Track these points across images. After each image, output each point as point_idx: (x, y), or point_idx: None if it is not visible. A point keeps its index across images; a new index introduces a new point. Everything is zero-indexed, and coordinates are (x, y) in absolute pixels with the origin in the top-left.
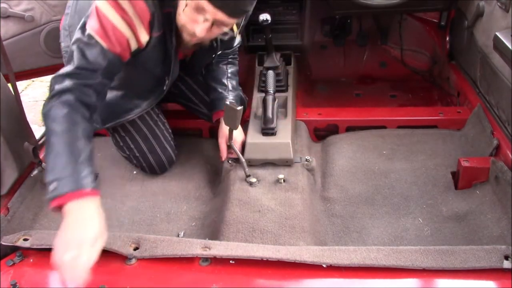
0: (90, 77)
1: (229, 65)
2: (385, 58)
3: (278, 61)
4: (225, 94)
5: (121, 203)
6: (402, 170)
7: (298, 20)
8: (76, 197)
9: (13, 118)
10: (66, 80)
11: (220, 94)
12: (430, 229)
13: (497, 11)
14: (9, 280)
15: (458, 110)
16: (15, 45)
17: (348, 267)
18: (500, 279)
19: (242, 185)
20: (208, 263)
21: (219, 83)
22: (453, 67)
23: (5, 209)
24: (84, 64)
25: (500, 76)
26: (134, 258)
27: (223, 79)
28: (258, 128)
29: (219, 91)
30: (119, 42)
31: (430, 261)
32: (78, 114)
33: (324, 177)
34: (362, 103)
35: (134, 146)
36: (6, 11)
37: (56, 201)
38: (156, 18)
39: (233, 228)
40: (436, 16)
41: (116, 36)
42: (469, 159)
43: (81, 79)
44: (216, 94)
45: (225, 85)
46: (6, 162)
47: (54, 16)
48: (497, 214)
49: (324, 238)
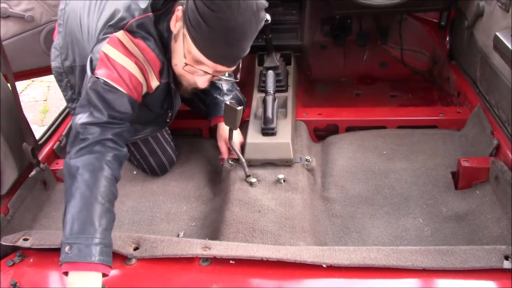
0: (120, 124)
1: None
2: (385, 58)
3: (278, 61)
4: (220, 99)
5: (121, 203)
6: (402, 170)
7: (298, 20)
8: (81, 268)
9: (13, 118)
10: (96, 129)
11: (215, 99)
12: (430, 229)
13: (497, 11)
14: (9, 280)
15: (458, 110)
16: (15, 45)
17: (348, 267)
18: (500, 279)
19: (242, 185)
20: (208, 263)
21: (214, 86)
22: (453, 67)
23: (5, 209)
24: (113, 113)
25: (500, 76)
26: (134, 258)
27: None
28: (258, 128)
29: (214, 96)
30: (135, 87)
31: (430, 261)
32: (107, 171)
33: (324, 177)
34: (362, 103)
35: (134, 148)
36: (6, 11)
37: (64, 267)
38: (165, 66)
39: (233, 228)
40: (436, 16)
41: (133, 83)
42: (469, 159)
43: (112, 129)
44: (211, 98)
45: (219, 88)
46: (6, 162)
47: (54, 16)
48: (497, 214)
49: (324, 238)
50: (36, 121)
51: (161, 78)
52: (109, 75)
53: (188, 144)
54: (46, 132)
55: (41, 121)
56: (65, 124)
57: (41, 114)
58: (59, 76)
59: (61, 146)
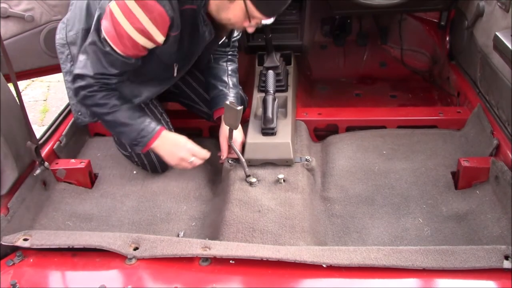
0: (108, 79)
1: (229, 62)
2: (385, 58)
3: (278, 61)
4: (226, 91)
5: (121, 203)
6: (402, 170)
7: (298, 20)
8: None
9: (13, 118)
10: (87, 79)
11: (221, 91)
12: (430, 229)
13: (497, 11)
14: (9, 280)
15: (458, 110)
16: (15, 45)
17: (348, 267)
18: (500, 279)
19: (242, 185)
20: (208, 263)
21: (220, 80)
22: (453, 67)
23: (5, 209)
24: (101, 70)
25: (500, 76)
26: (134, 258)
27: (224, 76)
28: (258, 128)
29: (219, 89)
30: (133, 47)
31: (430, 261)
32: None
33: (324, 177)
34: (362, 103)
35: None
36: (6, 11)
37: (147, 145)
38: (175, 20)
39: (233, 228)
40: (436, 16)
41: (131, 43)
42: (469, 159)
43: (99, 82)
44: (216, 91)
45: (225, 82)
46: (6, 162)
47: (54, 16)
48: (497, 214)
49: (324, 238)
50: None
51: (171, 32)
52: (107, 31)
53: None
54: (46, 132)
55: (41, 121)
56: (65, 124)
57: (41, 114)
58: (61, 48)
59: (61, 146)
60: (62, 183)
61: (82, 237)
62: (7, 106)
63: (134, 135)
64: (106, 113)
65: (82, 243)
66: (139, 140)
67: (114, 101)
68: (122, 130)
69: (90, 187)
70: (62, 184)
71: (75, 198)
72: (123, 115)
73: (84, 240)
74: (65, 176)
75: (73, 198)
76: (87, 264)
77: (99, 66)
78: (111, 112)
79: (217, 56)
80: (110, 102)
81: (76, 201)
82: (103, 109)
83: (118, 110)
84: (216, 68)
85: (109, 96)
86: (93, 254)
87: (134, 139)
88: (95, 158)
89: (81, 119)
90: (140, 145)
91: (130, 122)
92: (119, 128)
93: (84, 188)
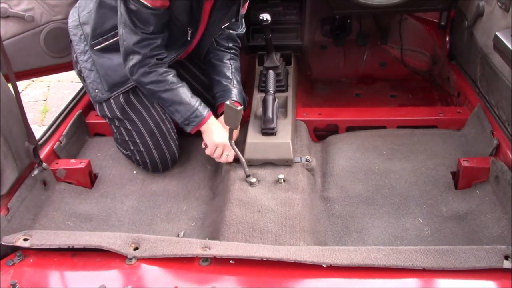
0: (152, 40)
1: (232, 60)
2: (385, 58)
3: (278, 61)
4: (230, 87)
5: (121, 203)
6: (402, 170)
7: (298, 20)
8: (209, 116)
9: (13, 118)
10: (136, 54)
11: (225, 86)
12: (430, 229)
13: (497, 11)
14: (9, 280)
15: (458, 110)
16: (15, 45)
17: (348, 267)
18: (500, 279)
19: (242, 185)
20: (208, 263)
21: (224, 76)
22: (453, 67)
23: (5, 209)
24: (141, 36)
25: (500, 76)
26: (134, 258)
27: (228, 73)
28: (258, 128)
29: (224, 84)
30: None
31: (430, 261)
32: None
33: (324, 177)
34: (362, 103)
35: (139, 140)
36: (6, 11)
37: (198, 125)
38: None
39: (233, 228)
40: (436, 16)
41: None
42: (469, 159)
43: (146, 45)
44: (221, 87)
45: (230, 78)
46: (6, 162)
47: (54, 16)
48: (497, 214)
49: (324, 238)
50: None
51: None
52: None
53: (188, 144)
54: (46, 132)
55: (41, 121)
56: (65, 124)
57: (41, 114)
58: (74, 29)
59: (61, 146)
60: (62, 183)
61: (82, 237)
62: (7, 106)
63: (188, 114)
64: (164, 90)
65: (82, 243)
66: (192, 119)
67: (172, 78)
68: (178, 108)
69: (90, 187)
70: (62, 184)
71: (75, 198)
72: (181, 93)
73: (84, 240)
74: (65, 176)
75: (73, 198)
76: (87, 264)
77: (137, 30)
78: (169, 89)
79: (220, 54)
80: (169, 79)
81: (76, 201)
82: (161, 86)
83: (176, 88)
84: (219, 65)
85: (168, 73)
86: (93, 254)
87: (188, 118)
88: (95, 158)
89: (99, 96)
90: (191, 125)
91: (186, 100)
92: (175, 106)
93: (84, 188)
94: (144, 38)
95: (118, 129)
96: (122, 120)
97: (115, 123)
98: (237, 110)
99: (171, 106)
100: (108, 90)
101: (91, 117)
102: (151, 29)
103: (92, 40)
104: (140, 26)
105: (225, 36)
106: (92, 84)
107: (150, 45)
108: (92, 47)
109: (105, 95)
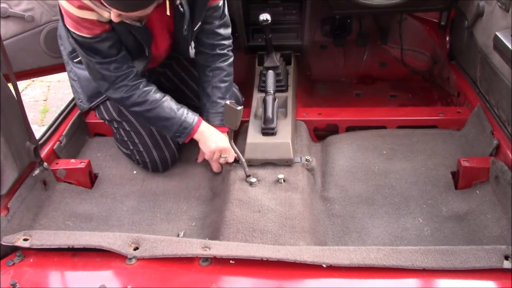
0: (109, 62)
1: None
2: (385, 58)
3: (278, 61)
4: (207, 107)
5: (121, 203)
6: (402, 170)
7: (298, 20)
8: (199, 124)
9: (13, 118)
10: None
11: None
12: (430, 229)
13: (497, 11)
14: (9, 280)
15: (458, 110)
16: (15, 45)
17: (348, 267)
18: (500, 279)
19: (242, 185)
20: (208, 263)
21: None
22: (453, 67)
23: (5, 209)
24: (96, 57)
25: (500, 76)
26: (134, 258)
27: (208, 88)
28: (258, 128)
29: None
30: (92, 24)
31: (430, 261)
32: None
33: (324, 177)
34: (362, 103)
35: (139, 141)
36: (6, 11)
37: (189, 136)
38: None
39: (233, 228)
40: (436, 16)
41: (87, 23)
42: (469, 159)
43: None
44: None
45: (208, 95)
46: (6, 162)
47: (54, 16)
48: (497, 214)
49: (324, 238)
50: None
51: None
52: (69, 25)
53: (188, 144)
54: (46, 132)
55: (41, 121)
56: (65, 124)
57: (41, 114)
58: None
59: (61, 146)
60: (62, 183)
61: (82, 237)
62: (7, 106)
63: (176, 127)
64: (147, 110)
65: (82, 243)
66: (182, 131)
67: (152, 95)
68: (165, 124)
69: (90, 187)
70: (62, 184)
71: (75, 198)
72: (165, 108)
73: (84, 240)
74: (65, 176)
75: (73, 198)
76: (87, 264)
77: (91, 58)
78: (152, 108)
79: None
80: (149, 98)
81: (76, 201)
82: (144, 107)
83: (159, 106)
84: (201, 77)
85: (146, 93)
86: (93, 254)
87: (176, 131)
88: (95, 158)
89: (81, 106)
90: (182, 137)
91: (172, 115)
92: (161, 122)
93: (84, 188)
94: (102, 62)
95: (117, 130)
96: (120, 122)
97: (113, 125)
98: (237, 110)
99: (158, 123)
100: (87, 101)
101: (91, 117)
102: (103, 55)
103: (70, 54)
104: (91, 54)
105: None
106: (76, 94)
107: (110, 69)
108: (72, 60)
109: (86, 105)
